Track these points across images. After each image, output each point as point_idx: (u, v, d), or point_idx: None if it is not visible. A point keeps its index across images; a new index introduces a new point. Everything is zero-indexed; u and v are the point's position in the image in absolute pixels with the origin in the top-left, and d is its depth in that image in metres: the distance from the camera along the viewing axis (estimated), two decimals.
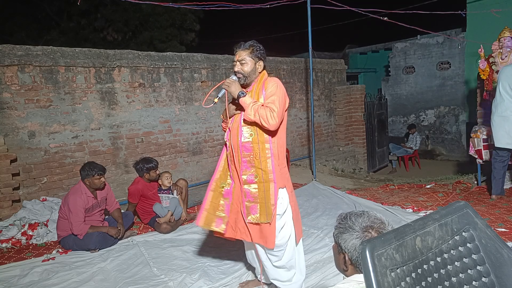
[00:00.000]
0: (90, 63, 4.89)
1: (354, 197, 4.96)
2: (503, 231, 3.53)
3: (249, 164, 2.43)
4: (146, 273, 3.21)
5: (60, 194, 4.67)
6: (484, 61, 5.01)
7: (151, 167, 4.28)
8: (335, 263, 1.43)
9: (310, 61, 6.11)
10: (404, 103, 12.16)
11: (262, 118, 2.32)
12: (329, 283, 2.80)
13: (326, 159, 7.62)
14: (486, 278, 1.15)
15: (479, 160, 5.18)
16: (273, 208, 2.42)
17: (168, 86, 5.69)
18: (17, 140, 4.39)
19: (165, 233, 4.13)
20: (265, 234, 2.44)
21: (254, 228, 2.47)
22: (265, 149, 2.42)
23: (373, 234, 1.30)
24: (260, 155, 2.41)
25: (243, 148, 2.44)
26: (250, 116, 2.36)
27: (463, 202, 1.22)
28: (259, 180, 2.42)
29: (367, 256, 0.98)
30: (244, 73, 2.48)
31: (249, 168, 2.44)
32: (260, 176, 2.42)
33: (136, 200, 4.29)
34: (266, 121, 2.32)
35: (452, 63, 11.01)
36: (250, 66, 2.49)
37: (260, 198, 2.42)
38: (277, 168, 2.44)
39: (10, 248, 3.76)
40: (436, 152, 11.41)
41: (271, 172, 2.42)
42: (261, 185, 2.42)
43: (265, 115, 2.31)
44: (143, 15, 12.04)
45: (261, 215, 2.42)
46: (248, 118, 2.39)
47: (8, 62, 4.27)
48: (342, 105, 8.51)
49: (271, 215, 2.41)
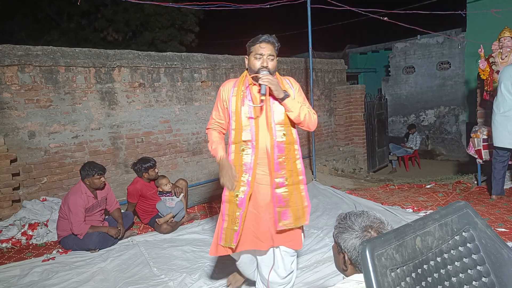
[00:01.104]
0: (90, 63, 4.89)
1: (354, 197, 4.96)
2: (503, 231, 3.53)
3: (280, 166, 2.31)
4: (146, 273, 3.22)
5: (60, 194, 4.67)
6: (484, 61, 5.01)
7: (149, 166, 4.29)
8: (335, 263, 1.43)
9: (310, 61, 6.11)
10: (404, 103, 12.16)
11: (310, 121, 2.34)
12: (329, 283, 2.80)
13: (326, 159, 7.62)
14: (486, 278, 1.15)
15: (479, 160, 5.18)
16: (307, 209, 2.38)
17: (168, 86, 5.69)
18: (17, 140, 4.39)
19: (165, 233, 4.13)
20: (293, 235, 2.39)
21: (281, 232, 2.36)
22: (295, 150, 2.37)
23: (373, 233, 1.30)
24: (291, 156, 2.34)
25: (277, 148, 2.31)
26: (300, 118, 2.31)
27: (463, 202, 1.22)
28: (289, 183, 2.33)
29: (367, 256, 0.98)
30: (270, 70, 2.29)
31: (280, 170, 2.31)
32: (291, 179, 2.33)
33: (135, 200, 4.29)
34: (313, 124, 2.37)
35: (452, 63, 11.01)
36: (275, 62, 2.33)
37: (292, 202, 2.33)
38: (303, 170, 2.43)
39: (10, 248, 3.76)
40: (436, 152, 11.41)
41: (301, 174, 2.38)
42: (291, 187, 2.33)
43: (311, 118, 2.34)
44: (144, 15, 12.05)
45: (294, 220, 2.33)
46: (296, 120, 2.33)
47: (8, 62, 4.27)
48: (342, 105, 8.51)
49: (304, 218, 2.37)
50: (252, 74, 2.33)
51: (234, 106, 2.36)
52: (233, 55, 6.50)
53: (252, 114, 2.33)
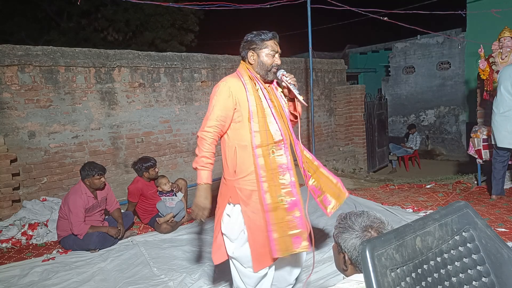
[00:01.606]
0: (90, 63, 4.89)
1: (354, 197, 4.96)
2: (503, 231, 3.53)
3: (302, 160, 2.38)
4: (146, 273, 3.21)
5: (60, 194, 4.67)
6: (484, 61, 5.01)
7: (149, 165, 4.29)
8: (335, 263, 1.43)
9: (310, 61, 6.11)
10: (404, 103, 12.16)
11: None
12: (329, 283, 2.80)
13: (326, 159, 7.62)
14: (486, 278, 1.15)
15: (479, 160, 5.18)
16: (339, 184, 2.38)
17: (168, 86, 5.69)
18: (17, 140, 4.39)
19: (165, 233, 4.13)
20: None
21: None
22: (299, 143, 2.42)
23: (373, 233, 1.30)
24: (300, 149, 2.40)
25: (300, 146, 2.36)
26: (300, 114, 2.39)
27: (463, 202, 1.22)
28: (312, 173, 2.38)
29: (367, 256, 0.98)
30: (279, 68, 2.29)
31: (303, 164, 2.37)
32: (311, 169, 2.38)
33: (136, 199, 4.29)
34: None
35: (452, 63, 11.01)
36: None
37: (324, 187, 2.35)
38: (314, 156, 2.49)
39: (10, 248, 3.77)
40: (436, 152, 11.41)
41: (315, 160, 2.43)
42: (315, 176, 2.38)
43: None
44: (144, 15, 12.05)
45: (336, 199, 2.33)
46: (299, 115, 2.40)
47: (8, 62, 4.27)
48: (342, 105, 8.51)
49: (342, 192, 2.36)
50: (263, 71, 2.25)
51: (255, 106, 2.18)
52: (233, 55, 6.50)
53: (275, 113, 2.23)
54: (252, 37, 2.24)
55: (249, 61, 2.26)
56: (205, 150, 2.17)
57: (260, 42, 2.21)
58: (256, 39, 2.22)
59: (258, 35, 2.23)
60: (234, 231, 2.26)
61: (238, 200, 2.22)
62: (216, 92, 2.23)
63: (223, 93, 2.19)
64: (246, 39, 2.26)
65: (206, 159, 2.16)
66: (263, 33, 2.23)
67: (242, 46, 2.29)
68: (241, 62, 2.34)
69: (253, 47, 2.23)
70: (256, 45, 2.22)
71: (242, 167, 2.20)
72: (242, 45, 2.29)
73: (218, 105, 2.20)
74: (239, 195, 2.21)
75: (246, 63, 2.29)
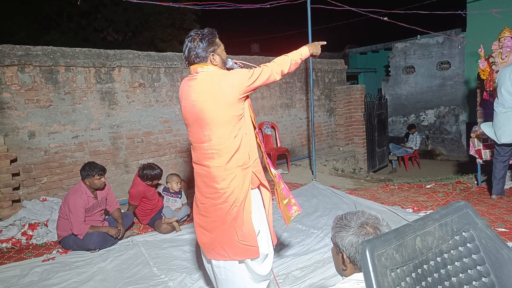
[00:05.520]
0: (90, 63, 4.89)
1: (354, 197, 4.96)
2: (503, 231, 3.53)
3: None
4: (146, 273, 3.22)
5: (60, 194, 4.67)
6: (484, 61, 5.01)
7: (155, 175, 4.24)
8: (335, 266, 1.44)
9: (310, 61, 6.11)
10: (404, 103, 12.17)
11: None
12: (329, 283, 2.80)
13: (326, 159, 7.62)
14: (486, 278, 1.15)
15: (479, 160, 5.18)
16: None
17: (168, 86, 5.69)
18: (17, 140, 4.39)
19: (165, 233, 4.13)
20: None
21: None
22: None
23: (369, 229, 1.32)
24: None
25: None
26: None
27: (463, 202, 1.22)
28: None
29: (367, 256, 0.98)
30: None
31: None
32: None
33: (138, 202, 4.28)
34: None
35: (452, 63, 11.01)
36: None
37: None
38: None
39: (10, 248, 3.76)
40: (436, 152, 11.42)
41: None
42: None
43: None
44: (143, 15, 12.04)
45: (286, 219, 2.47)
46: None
47: (8, 62, 4.27)
48: (342, 105, 8.51)
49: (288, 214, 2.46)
50: (224, 67, 2.23)
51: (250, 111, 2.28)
52: (233, 55, 6.49)
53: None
54: (208, 39, 2.12)
55: (213, 64, 2.16)
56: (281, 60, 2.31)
57: (216, 41, 2.17)
58: (212, 39, 2.14)
59: (211, 33, 2.15)
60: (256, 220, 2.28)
61: (257, 184, 2.32)
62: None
63: None
64: (202, 44, 2.12)
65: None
66: (212, 31, 2.17)
67: (196, 52, 2.12)
68: (200, 66, 2.14)
69: (212, 49, 2.14)
70: (215, 46, 2.15)
71: (253, 151, 2.27)
72: (197, 52, 2.12)
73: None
74: (257, 177, 2.28)
75: (208, 64, 2.15)
